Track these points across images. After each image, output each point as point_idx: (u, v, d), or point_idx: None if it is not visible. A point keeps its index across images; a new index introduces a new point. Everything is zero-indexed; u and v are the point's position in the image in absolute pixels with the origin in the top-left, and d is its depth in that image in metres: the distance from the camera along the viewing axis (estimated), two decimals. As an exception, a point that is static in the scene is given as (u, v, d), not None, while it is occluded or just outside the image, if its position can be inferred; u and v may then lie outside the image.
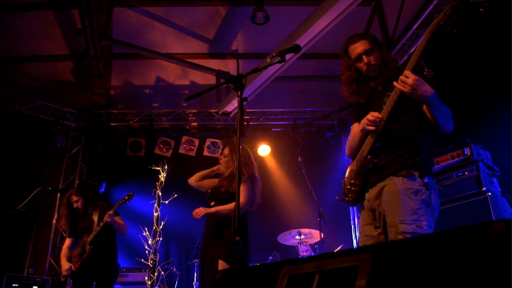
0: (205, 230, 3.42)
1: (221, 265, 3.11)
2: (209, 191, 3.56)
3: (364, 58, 2.27)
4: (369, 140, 2.20)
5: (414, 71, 1.99)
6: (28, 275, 5.75)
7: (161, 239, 4.92)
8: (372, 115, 2.12)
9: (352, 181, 2.30)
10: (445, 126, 2.09)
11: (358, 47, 2.29)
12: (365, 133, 2.22)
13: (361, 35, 2.35)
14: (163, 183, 3.76)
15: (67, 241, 4.40)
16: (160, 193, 3.65)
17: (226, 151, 3.63)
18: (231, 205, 3.28)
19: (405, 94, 1.99)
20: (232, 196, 3.28)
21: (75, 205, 4.30)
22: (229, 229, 3.18)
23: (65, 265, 4.18)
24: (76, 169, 6.92)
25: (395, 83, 2.02)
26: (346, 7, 4.48)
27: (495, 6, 3.86)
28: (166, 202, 3.59)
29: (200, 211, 3.34)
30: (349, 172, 2.36)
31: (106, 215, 4.03)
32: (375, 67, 2.26)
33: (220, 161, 3.63)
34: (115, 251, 4.30)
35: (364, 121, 2.18)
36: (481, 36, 4.09)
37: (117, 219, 4.23)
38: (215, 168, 3.68)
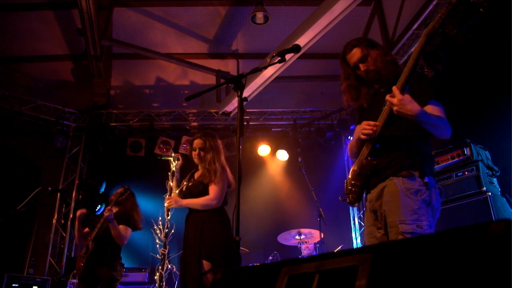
0: (186, 225, 3.30)
1: (205, 265, 3.03)
2: (184, 189, 3.39)
3: (361, 66, 2.30)
4: (369, 144, 2.21)
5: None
6: (28, 275, 5.75)
7: (173, 231, 4.85)
8: (367, 124, 2.13)
9: (353, 182, 2.31)
10: (441, 135, 2.08)
11: (353, 56, 2.32)
12: (360, 141, 2.25)
13: (354, 43, 2.35)
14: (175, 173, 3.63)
15: (82, 210, 4.28)
16: (171, 183, 3.54)
17: (200, 144, 3.38)
18: (201, 200, 3.22)
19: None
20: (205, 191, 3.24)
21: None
22: (210, 223, 3.14)
23: (81, 229, 4.17)
24: (76, 169, 6.93)
25: (386, 98, 2.02)
26: (346, 7, 4.49)
27: (495, 6, 3.86)
28: (176, 192, 3.47)
29: (171, 202, 3.25)
30: (351, 173, 2.37)
31: (105, 210, 4.02)
32: (373, 72, 2.28)
33: (195, 154, 3.40)
34: (119, 249, 4.23)
35: (359, 130, 2.20)
36: (481, 36, 4.09)
37: (121, 227, 4.10)
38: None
